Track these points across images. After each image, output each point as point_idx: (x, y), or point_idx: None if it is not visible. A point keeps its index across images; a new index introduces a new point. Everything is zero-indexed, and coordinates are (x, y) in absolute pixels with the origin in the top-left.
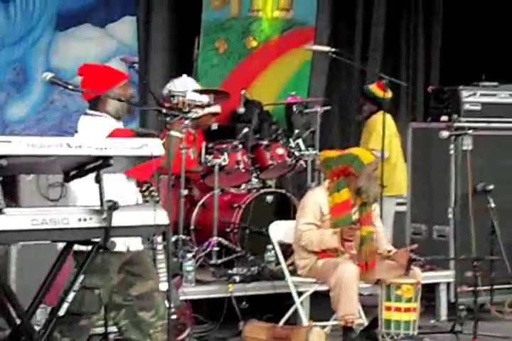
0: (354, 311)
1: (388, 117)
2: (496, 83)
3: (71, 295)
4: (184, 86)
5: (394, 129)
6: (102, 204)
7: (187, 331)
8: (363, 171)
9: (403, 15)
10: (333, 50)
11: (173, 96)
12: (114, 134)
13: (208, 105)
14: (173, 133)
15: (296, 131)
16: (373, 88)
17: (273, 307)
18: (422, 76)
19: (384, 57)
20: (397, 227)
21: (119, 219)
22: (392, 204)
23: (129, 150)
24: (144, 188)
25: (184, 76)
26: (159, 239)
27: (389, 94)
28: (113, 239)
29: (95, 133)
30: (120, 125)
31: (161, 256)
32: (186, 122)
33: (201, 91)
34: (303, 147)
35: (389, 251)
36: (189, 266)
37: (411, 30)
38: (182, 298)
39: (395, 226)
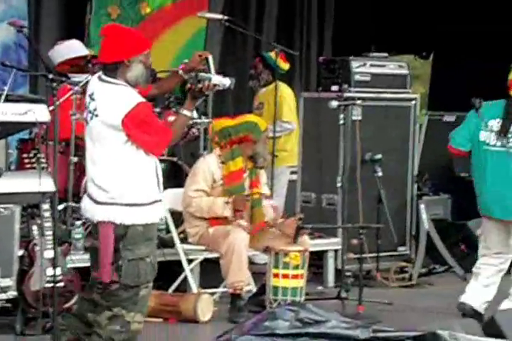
0: (243, 278)
1: (287, 87)
2: (385, 54)
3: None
4: (67, 52)
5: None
6: None
7: (74, 298)
8: (261, 137)
9: None
10: (226, 18)
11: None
12: (139, 108)
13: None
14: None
15: None
16: (274, 56)
17: (163, 274)
18: (315, 46)
19: (278, 27)
20: (288, 195)
21: (2, 186)
22: (287, 173)
23: (13, 116)
24: (31, 155)
25: (72, 41)
26: (46, 206)
27: (288, 66)
28: None
29: (123, 104)
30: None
31: (47, 224)
32: (76, 88)
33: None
34: (196, 115)
35: (275, 220)
36: (78, 233)
37: (305, 1)
38: (70, 265)
39: (286, 194)
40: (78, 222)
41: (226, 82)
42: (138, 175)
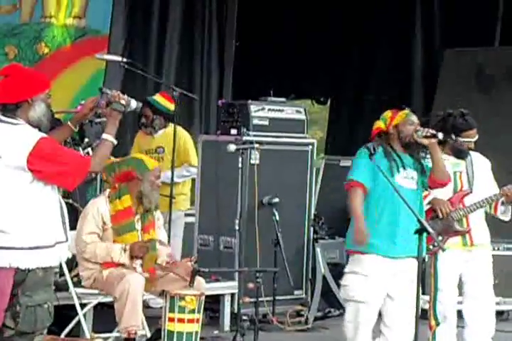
0: (137, 322)
1: (183, 130)
2: (283, 99)
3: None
4: None
5: None
6: None
7: None
8: (146, 175)
9: (197, 29)
10: (125, 60)
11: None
12: (42, 144)
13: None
14: None
15: (86, 140)
16: (161, 100)
17: (55, 319)
18: (215, 90)
19: (178, 70)
20: (186, 238)
21: None
22: (183, 217)
23: None
24: None
25: None
26: None
27: (173, 106)
28: None
29: (25, 143)
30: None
31: None
32: None
33: None
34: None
35: (167, 263)
36: None
37: (205, 45)
38: None
39: (184, 238)
40: None
41: (133, 103)
42: (42, 215)
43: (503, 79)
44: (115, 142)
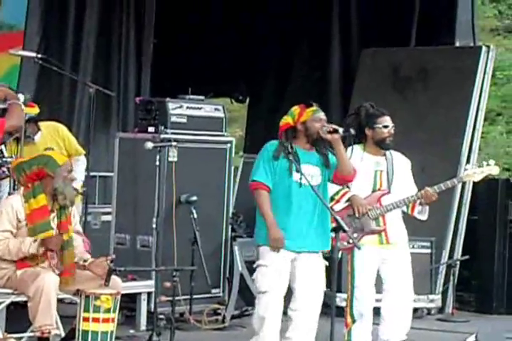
0: (51, 321)
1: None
2: (201, 97)
3: None
4: None
5: None
6: None
7: None
8: (58, 172)
9: (114, 26)
10: (39, 56)
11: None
12: None
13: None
14: None
15: None
16: (33, 111)
17: None
18: (133, 87)
19: (95, 66)
20: (102, 237)
21: None
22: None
23: None
24: None
25: None
26: None
27: (37, 109)
28: None
29: None
30: None
31: None
32: None
33: None
34: (6, 154)
35: (85, 261)
36: None
37: (123, 41)
38: None
39: (101, 236)
40: None
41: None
42: None
43: (417, 79)
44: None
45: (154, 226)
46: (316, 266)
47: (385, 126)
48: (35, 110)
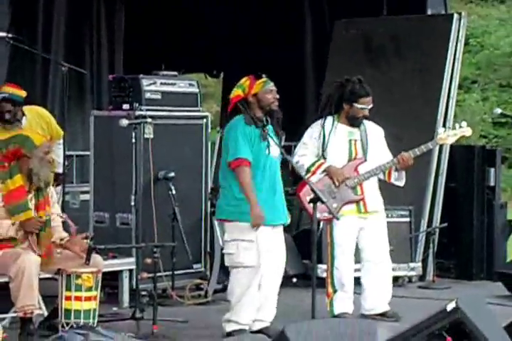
0: (34, 302)
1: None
2: (175, 73)
3: None
4: None
5: None
6: None
7: None
8: (34, 152)
9: (86, 4)
10: (10, 35)
11: None
12: None
13: None
14: None
15: None
16: (14, 91)
17: None
18: (106, 65)
19: (67, 45)
20: (81, 216)
21: None
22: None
23: None
24: None
25: None
26: None
27: (24, 92)
28: None
29: None
30: None
31: None
32: None
33: None
34: None
35: (61, 239)
36: None
37: (94, 19)
38: None
39: (81, 215)
40: None
41: None
42: None
43: (390, 48)
44: None
45: (133, 203)
46: (282, 238)
47: (363, 109)
48: (22, 93)
